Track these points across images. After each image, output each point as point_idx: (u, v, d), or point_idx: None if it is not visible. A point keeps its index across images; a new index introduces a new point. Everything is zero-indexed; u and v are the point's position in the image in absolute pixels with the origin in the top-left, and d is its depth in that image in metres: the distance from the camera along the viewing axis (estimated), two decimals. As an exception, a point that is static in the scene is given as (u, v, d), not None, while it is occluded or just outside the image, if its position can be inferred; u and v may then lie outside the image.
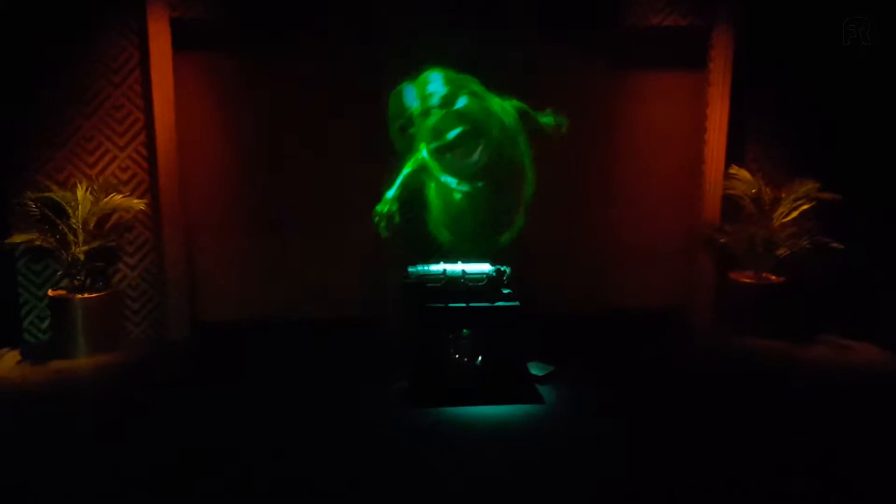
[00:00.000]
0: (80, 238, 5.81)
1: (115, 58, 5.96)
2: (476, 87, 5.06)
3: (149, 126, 6.05)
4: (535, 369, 5.48)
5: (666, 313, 6.88)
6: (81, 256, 5.83)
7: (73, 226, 5.79)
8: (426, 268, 5.31)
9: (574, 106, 6.41)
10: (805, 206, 6.26)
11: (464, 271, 5.26)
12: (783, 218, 6.32)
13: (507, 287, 5.28)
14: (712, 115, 6.50)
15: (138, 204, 6.01)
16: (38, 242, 5.83)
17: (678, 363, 5.93)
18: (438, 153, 5.05)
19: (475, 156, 5.00)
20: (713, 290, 6.77)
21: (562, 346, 5.98)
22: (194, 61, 6.15)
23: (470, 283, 5.24)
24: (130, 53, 5.97)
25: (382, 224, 5.09)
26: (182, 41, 6.00)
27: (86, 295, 5.86)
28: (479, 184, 5.15)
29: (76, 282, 5.91)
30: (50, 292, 5.97)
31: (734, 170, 6.45)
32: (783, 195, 6.33)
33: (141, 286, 6.29)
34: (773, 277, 6.43)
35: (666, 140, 6.75)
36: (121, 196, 5.95)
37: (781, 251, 6.33)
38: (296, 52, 6.26)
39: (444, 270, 5.27)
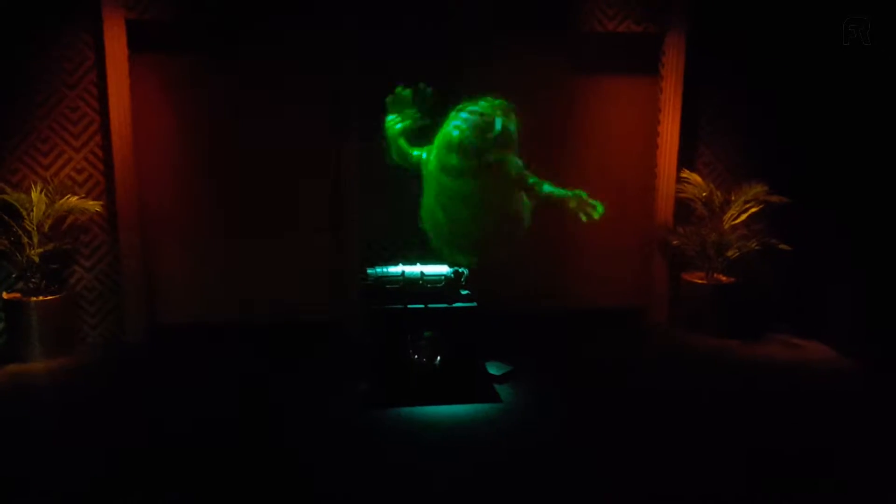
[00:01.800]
0: (35, 240, 5.76)
1: (69, 59, 5.89)
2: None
3: (104, 128, 6.01)
4: (493, 369, 5.56)
5: (622, 313, 6.99)
6: (36, 259, 5.78)
7: (28, 228, 5.73)
8: (385, 269, 5.36)
9: (530, 109, 6.54)
10: (754, 209, 6.43)
11: (422, 273, 5.32)
12: (733, 220, 6.49)
13: (464, 288, 5.36)
14: (665, 120, 6.65)
15: (94, 205, 5.95)
16: (-9, 245, 5.77)
17: (633, 362, 6.06)
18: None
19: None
20: (667, 291, 6.92)
21: (520, 346, 6.08)
22: (151, 62, 6.11)
23: (428, 285, 5.30)
24: (85, 55, 5.91)
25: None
26: (138, 42, 5.96)
27: (41, 297, 5.79)
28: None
29: (31, 284, 5.85)
30: (4, 295, 5.88)
31: (685, 174, 6.60)
32: (733, 198, 6.49)
33: (97, 288, 6.23)
34: (724, 278, 6.60)
35: (621, 144, 6.87)
36: (76, 198, 5.89)
37: (731, 253, 6.50)
38: (253, 54, 6.25)
39: (403, 272, 5.33)
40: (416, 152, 5.24)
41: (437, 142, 5.24)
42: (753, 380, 5.67)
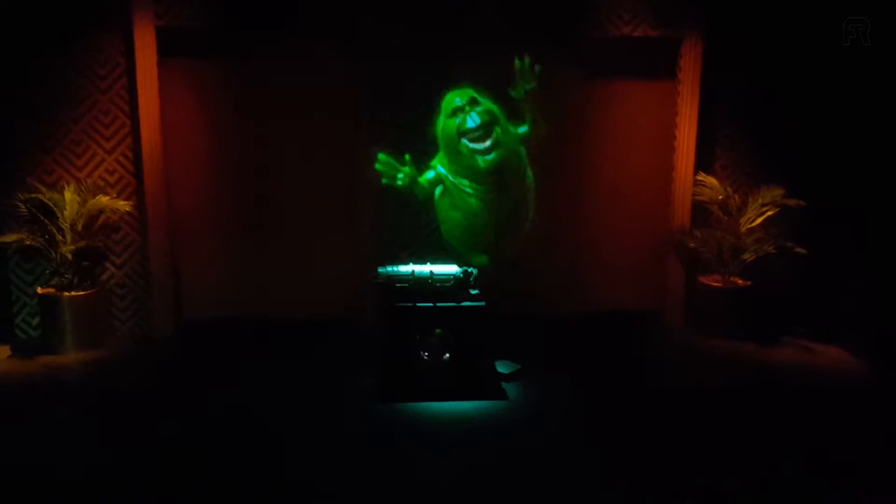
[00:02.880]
0: (68, 238, 6.04)
1: (102, 65, 6.18)
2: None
3: (135, 131, 6.26)
4: (502, 367, 5.66)
5: (638, 315, 7.03)
6: (69, 256, 6.05)
7: (62, 226, 6.01)
8: (395, 268, 5.50)
9: (551, 113, 6.64)
10: (771, 212, 6.42)
11: (432, 272, 5.46)
12: (749, 223, 6.48)
13: (473, 287, 5.47)
14: (682, 123, 6.68)
15: (124, 205, 6.22)
16: (27, 242, 6.06)
17: (646, 363, 6.12)
18: (457, 140, 5.54)
19: (489, 142, 5.48)
20: (683, 293, 6.94)
21: (533, 346, 6.15)
22: (179, 68, 6.37)
23: (437, 284, 5.43)
24: (117, 61, 6.19)
25: (388, 173, 5.50)
26: (167, 48, 6.22)
27: (73, 293, 6.07)
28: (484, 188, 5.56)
29: (64, 280, 6.13)
30: (39, 290, 6.18)
31: (702, 177, 6.63)
32: (750, 201, 6.49)
33: (127, 285, 6.51)
34: (740, 281, 6.59)
35: (639, 147, 6.92)
36: (107, 198, 6.17)
37: (747, 256, 6.49)
38: (278, 59, 6.47)
39: (413, 271, 5.47)
40: (429, 175, 5.77)
41: (444, 146, 5.57)
42: (767, 383, 5.67)
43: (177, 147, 6.48)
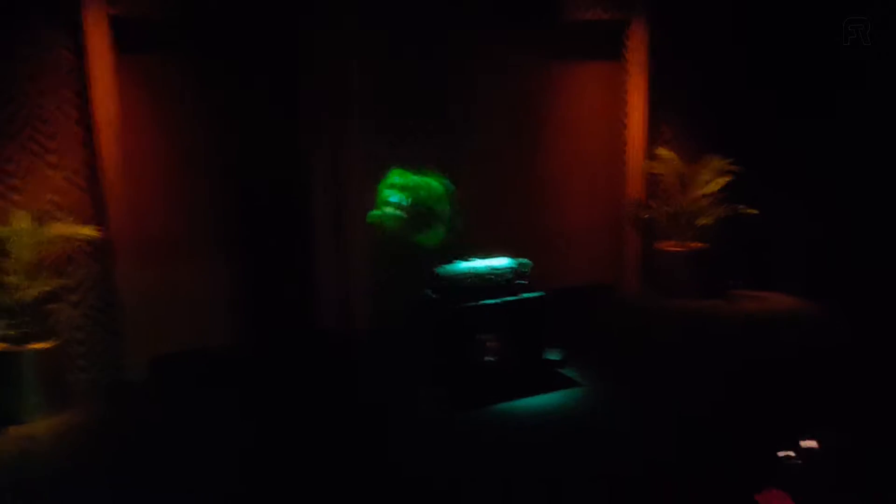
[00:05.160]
0: (19, 278, 4.88)
1: (41, 62, 5.02)
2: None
3: (88, 141, 5.20)
4: (550, 355, 5.62)
5: (598, 288, 7.31)
6: (28, 300, 4.92)
7: (12, 266, 4.85)
8: (454, 266, 5.23)
9: (511, 95, 6.72)
10: (724, 180, 7.00)
11: (490, 266, 5.28)
12: (707, 190, 7.02)
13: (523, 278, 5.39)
14: (632, 101, 7.07)
15: (89, 232, 5.11)
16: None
17: (621, 326, 6.58)
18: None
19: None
20: (640, 263, 7.36)
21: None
22: (137, 65, 5.40)
23: (495, 278, 5.26)
24: (61, 56, 5.07)
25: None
26: (122, 43, 5.24)
27: (35, 346, 4.91)
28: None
29: (19, 331, 4.95)
30: (-10, 346, 4.94)
31: (660, 150, 7.07)
32: (701, 171, 7.05)
33: (87, 326, 5.42)
34: (696, 244, 7.16)
35: (593, 126, 7.20)
36: (66, 224, 5.07)
37: (703, 220, 7.06)
38: (249, 54, 5.76)
39: (472, 268, 5.24)
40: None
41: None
42: (738, 328, 6.39)
43: (137, 157, 5.50)
